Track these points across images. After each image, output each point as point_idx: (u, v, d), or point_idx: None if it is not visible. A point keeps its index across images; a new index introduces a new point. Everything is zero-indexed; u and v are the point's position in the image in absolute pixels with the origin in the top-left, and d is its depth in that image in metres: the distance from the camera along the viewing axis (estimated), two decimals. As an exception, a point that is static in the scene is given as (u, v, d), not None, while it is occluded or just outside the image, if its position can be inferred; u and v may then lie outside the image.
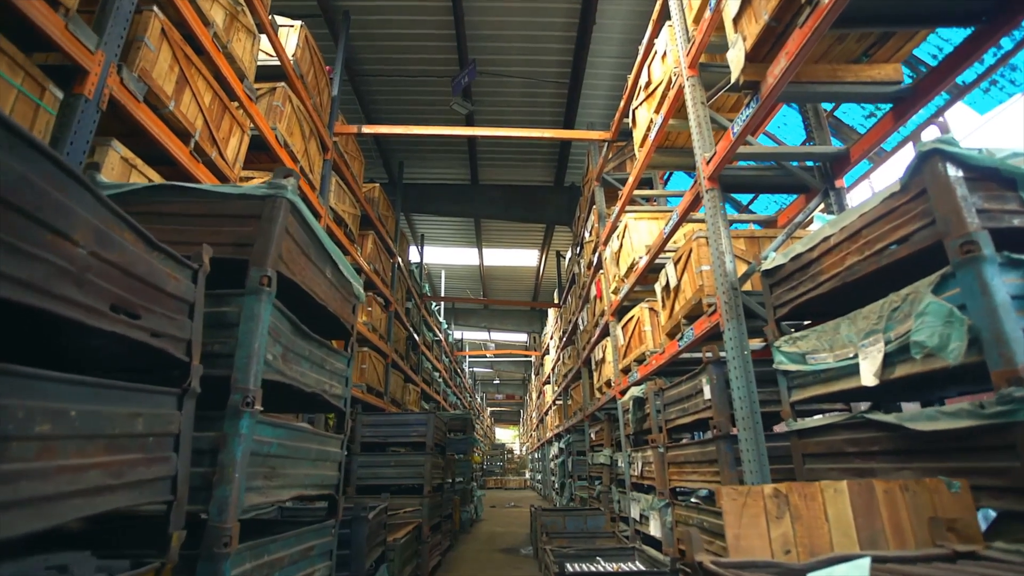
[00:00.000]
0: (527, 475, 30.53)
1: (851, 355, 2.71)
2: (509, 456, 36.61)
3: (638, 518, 5.91)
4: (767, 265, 3.40)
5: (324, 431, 3.32)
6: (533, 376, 25.08)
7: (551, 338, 16.90)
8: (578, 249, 10.61)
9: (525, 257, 17.73)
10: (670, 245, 5.59)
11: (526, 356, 28.57)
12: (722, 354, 3.82)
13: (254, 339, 2.33)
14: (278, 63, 5.68)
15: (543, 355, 19.48)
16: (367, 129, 7.34)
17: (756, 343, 4.71)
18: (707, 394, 3.94)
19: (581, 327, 10.22)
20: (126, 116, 3.23)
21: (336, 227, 7.11)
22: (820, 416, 3.14)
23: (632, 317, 6.27)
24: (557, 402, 15.60)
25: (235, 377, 2.25)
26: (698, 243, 4.20)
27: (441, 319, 17.53)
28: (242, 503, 2.16)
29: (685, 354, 5.20)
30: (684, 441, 4.99)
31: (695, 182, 4.26)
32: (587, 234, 9.12)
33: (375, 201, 9.30)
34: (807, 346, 3.05)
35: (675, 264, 4.71)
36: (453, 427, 12.10)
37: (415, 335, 12.60)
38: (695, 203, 4.40)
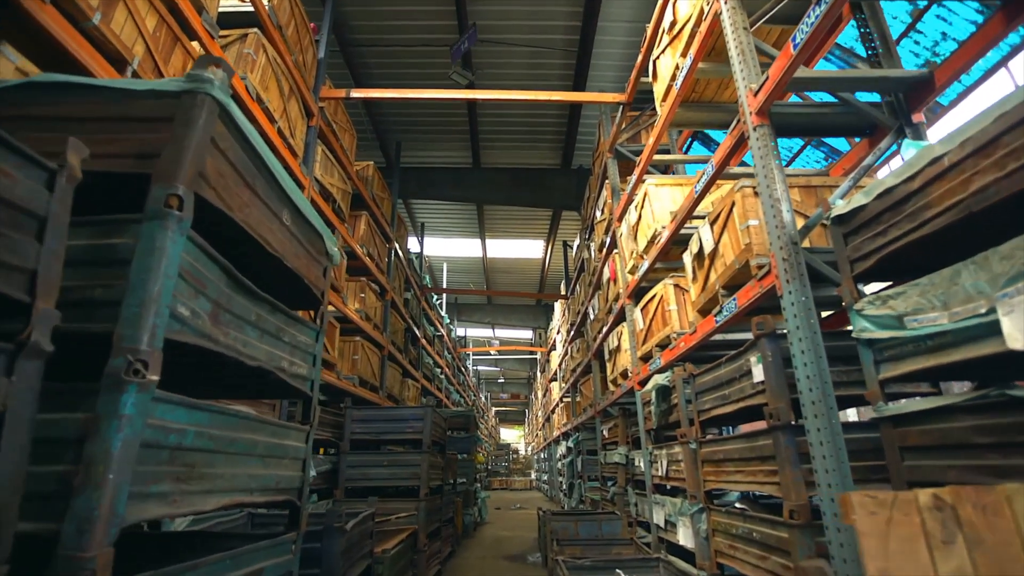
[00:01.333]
0: (533, 475, 29.88)
1: (981, 311, 1.99)
2: (514, 456, 36.00)
3: (662, 524, 5.19)
4: (839, 210, 2.68)
5: (285, 421, 2.62)
6: (539, 374, 24.36)
7: (557, 332, 16.19)
8: (587, 233, 9.89)
9: (530, 248, 17.02)
10: (700, 210, 4.87)
11: (531, 352, 27.87)
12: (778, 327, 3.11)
13: (152, 281, 1.62)
14: (250, 8, 4.99)
15: (549, 351, 18.77)
16: (356, 93, 6.65)
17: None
18: (758, 375, 3.22)
19: (592, 316, 9.50)
20: (28, 20, 2.54)
21: (322, 201, 6.42)
22: (922, 398, 2.42)
23: (653, 297, 5.55)
24: (565, 399, 14.88)
25: (119, 334, 1.54)
26: (743, 194, 3.48)
27: (443, 313, 16.84)
28: (120, 517, 1.44)
29: (718, 336, 4.49)
30: (721, 435, 4.27)
31: (736, 124, 3.55)
32: (598, 213, 8.40)
33: (369, 180, 8.61)
34: (906, 305, 2.32)
35: (711, 225, 3.98)
36: (455, 425, 11.40)
37: (415, 328, 11.91)
38: (736, 149, 3.68)
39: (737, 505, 3.69)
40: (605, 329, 8.01)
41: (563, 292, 14.36)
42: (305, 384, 2.87)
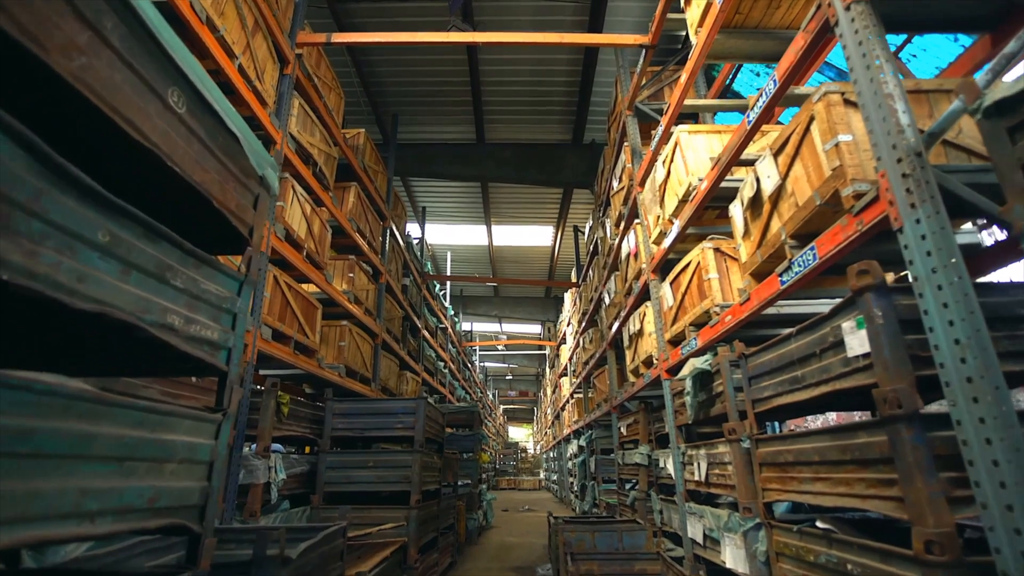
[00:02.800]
0: (541, 475, 29.02)
1: None
2: (522, 455, 35.21)
3: (700, 539, 4.29)
4: (1001, 93, 1.78)
5: (171, 404, 1.75)
6: (548, 370, 23.46)
7: (567, 325, 15.28)
8: (602, 210, 8.98)
9: (538, 235, 16.11)
10: (747, 154, 3.96)
11: (540, 347, 26.98)
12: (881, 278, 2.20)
13: None
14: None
15: (559, 345, 17.88)
16: (339, 38, 5.78)
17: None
18: (857, 346, 2.31)
19: (607, 301, 8.59)
20: None
21: (300, 162, 5.56)
22: None
23: (687, 267, 4.64)
24: (576, 394, 13.97)
25: None
26: (827, 104, 2.57)
27: (447, 304, 15.98)
28: None
29: (771, 309, 3.58)
30: (787, 432, 3.36)
31: (815, 12, 2.64)
32: (615, 183, 7.49)
33: (359, 149, 7.76)
34: None
35: (774, 157, 3.07)
36: (457, 421, 10.55)
37: (414, 317, 11.05)
38: (811, 52, 2.78)
39: (819, 524, 2.78)
40: (623, 313, 7.10)
41: (574, 280, 13.45)
42: (216, 354, 2.00)
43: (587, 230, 11.64)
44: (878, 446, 2.19)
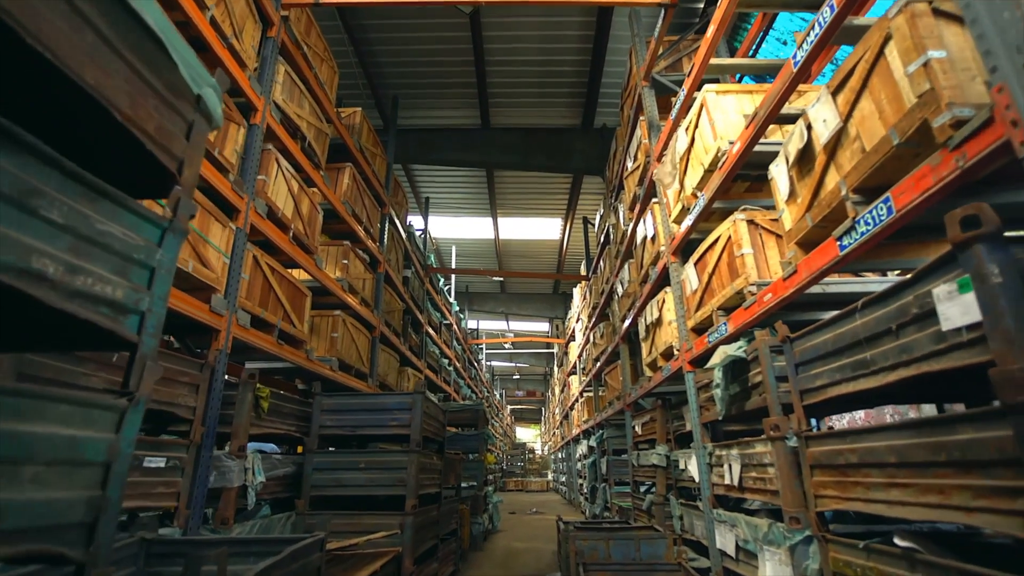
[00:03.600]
0: (549, 476, 28.52)
1: None
2: (530, 456, 34.73)
3: (732, 551, 3.76)
4: None
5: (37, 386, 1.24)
6: (556, 368, 22.94)
7: (576, 321, 14.77)
8: (614, 195, 8.47)
9: (546, 228, 15.59)
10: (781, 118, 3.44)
11: (548, 344, 26.47)
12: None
13: None
14: None
15: (567, 342, 17.36)
16: None
17: None
18: (960, 316, 1.79)
19: (620, 292, 8.07)
20: None
21: (285, 134, 5.09)
22: None
23: (714, 244, 4.12)
24: (586, 392, 13.45)
25: None
26: (910, 16, 2.03)
27: (452, 300, 15.50)
28: None
29: (816, 288, 3.07)
30: (828, 428, 2.84)
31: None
32: (629, 163, 6.97)
33: (355, 128, 7.28)
34: None
35: (832, 96, 2.54)
36: (461, 420, 10.05)
37: (416, 311, 10.57)
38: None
39: (899, 542, 2.26)
40: (639, 303, 6.58)
41: (583, 273, 12.93)
42: (121, 318, 1.50)
43: (597, 220, 11.13)
44: (994, 444, 1.67)
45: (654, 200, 5.71)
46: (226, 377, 3.97)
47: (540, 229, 15.69)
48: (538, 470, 32.62)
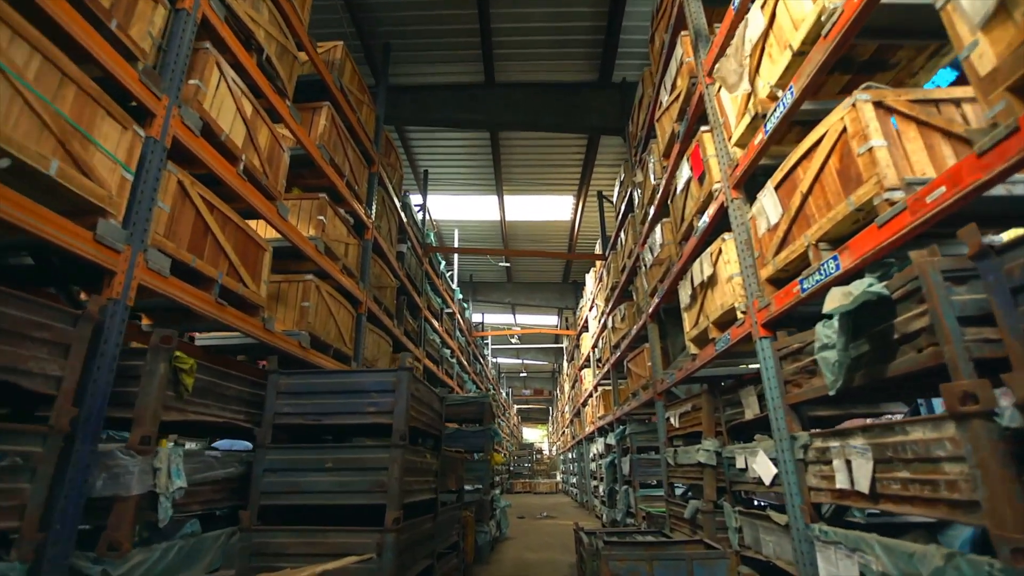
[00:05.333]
0: (559, 477, 27.35)
1: None
2: (538, 457, 33.63)
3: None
4: None
5: None
6: (565, 364, 21.74)
7: (590, 308, 13.58)
8: (641, 149, 7.29)
9: (557, 207, 14.39)
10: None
11: (556, 339, 25.31)
12: None
13: None
14: None
15: (579, 334, 16.17)
16: None
17: None
18: None
19: (648, 261, 6.89)
20: None
21: (232, 38, 3.93)
22: None
23: (811, 152, 2.93)
24: (601, 385, 12.27)
25: None
26: None
27: (455, 286, 14.35)
28: None
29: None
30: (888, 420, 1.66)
31: None
32: (665, 98, 5.78)
33: (335, 65, 6.13)
34: None
35: None
36: (464, 415, 8.87)
37: (414, 293, 9.43)
38: None
39: None
40: (677, 267, 5.41)
41: (600, 252, 11.74)
42: None
43: (616, 191, 9.94)
44: None
45: (703, 129, 4.53)
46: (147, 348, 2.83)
47: (550, 209, 14.49)
48: (546, 471, 31.47)
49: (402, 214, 8.83)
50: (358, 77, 6.83)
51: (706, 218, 4.47)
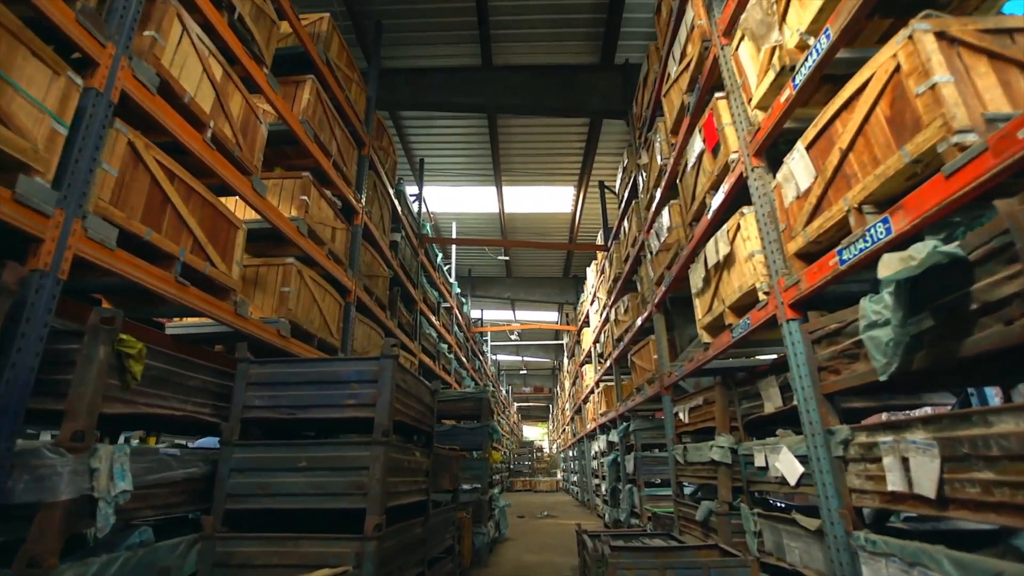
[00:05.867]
0: (559, 475, 26.99)
1: None
2: (538, 455, 33.31)
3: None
4: None
5: None
6: (566, 361, 21.36)
7: (591, 303, 13.21)
8: (646, 129, 6.89)
9: (557, 199, 13.97)
10: None
11: (557, 336, 24.95)
12: None
13: None
14: None
15: (579, 329, 15.80)
16: None
17: None
18: None
19: (654, 247, 6.50)
20: None
21: (197, -9, 3.54)
22: None
23: (852, 100, 2.54)
24: (604, 381, 11.90)
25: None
26: None
27: (452, 280, 13.95)
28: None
29: None
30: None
31: None
32: (673, 68, 5.38)
33: (321, 38, 5.74)
34: None
35: None
36: (461, 411, 8.49)
37: (409, 285, 9.04)
38: None
39: None
40: (686, 251, 5.02)
41: (601, 243, 11.34)
42: None
43: (618, 179, 9.55)
44: None
45: (717, 95, 4.14)
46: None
47: (550, 201, 14.07)
48: (547, 469, 31.13)
49: (396, 202, 8.44)
50: (347, 53, 6.43)
51: (721, 193, 4.08)
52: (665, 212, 5.88)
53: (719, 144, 4.14)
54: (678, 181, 5.37)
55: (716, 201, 4.19)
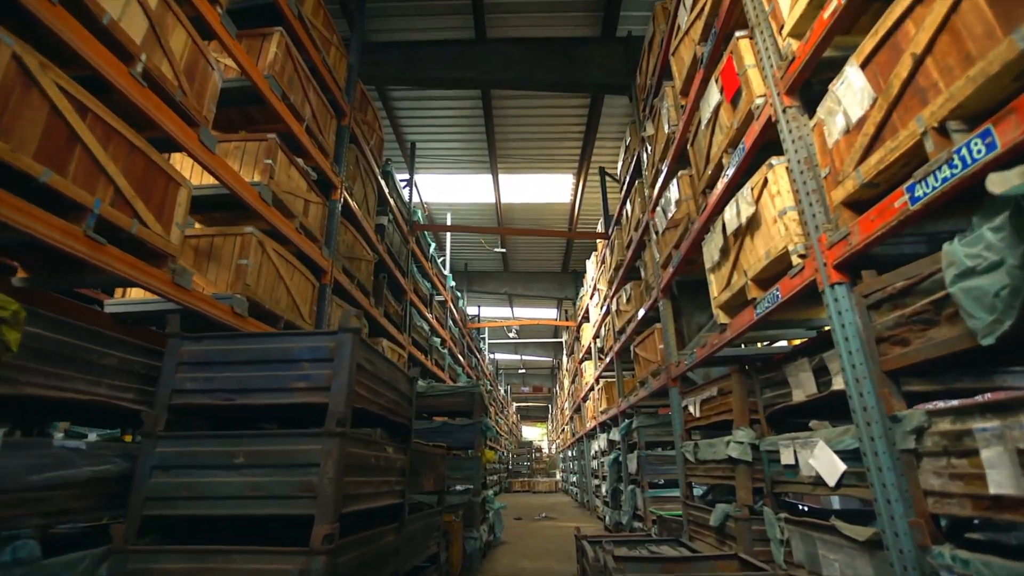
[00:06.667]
0: (558, 476, 26.44)
1: None
2: (537, 455, 32.79)
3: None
4: None
5: None
6: (565, 359, 20.79)
7: (591, 296, 12.65)
8: (653, 95, 6.33)
9: (556, 187, 13.39)
10: None
11: (556, 333, 24.40)
12: None
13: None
14: None
15: (579, 324, 15.24)
16: None
17: None
18: None
19: (661, 226, 5.93)
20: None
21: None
22: None
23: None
24: (604, 377, 11.34)
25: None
26: None
27: (447, 272, 13.38)
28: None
29: None
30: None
31: None
32: (683, 17, 4.81)
33: (292, -10, 5.18)
34: None
35: None
36: (451, 407, 7.92)
37: (398, 274, 8.48)
38: None
39: None
40: (701, 220, 4.46)
41: (602, 231, 10.76)
42: None
43: (620, 162, 8.98)
44: None
45: (738, 35, 3.57)
46: None
47: (548, 190, 13.50)
48: (545, 470, 30.60)
49: (383, 183, 7.88)
50: (324, 11, 5.87)
51: (742, 148, 3.52)
52: (673, 185, 5.32)
53: (740, 92, 3.58)
54: (689, 146, 4.81)
55: (736, 159, 3.63)
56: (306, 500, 2.43)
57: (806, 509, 4.55)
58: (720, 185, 3.93)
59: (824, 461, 3.00)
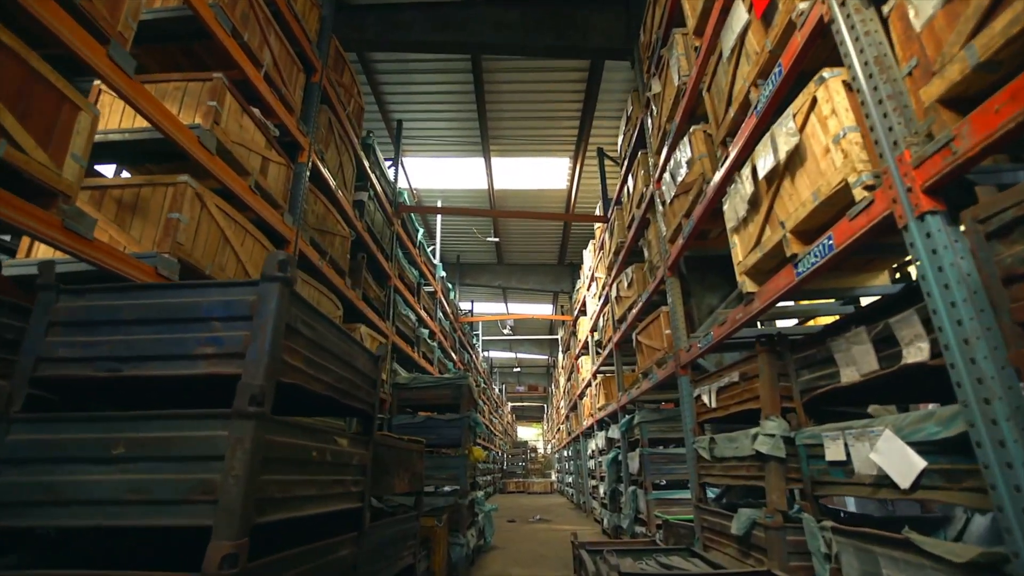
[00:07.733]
0: (553, 477, 25.83)
1: None
2: (532, 456, 32.19)
3: None
4: None
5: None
6: (561, 356, 20.13)
7: (588, 288, 12.00)
8: (660, 45, 5.67)
9: (551, 173, 12.72)
10: None
11: (551, 330, 23.76)
12: None
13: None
14: None
15: (575, 318, 14.59)
16: None
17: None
18: None
19: (670, 194, 5.27)
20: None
21: None
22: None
23: None
24: (603, 371, 10.69)
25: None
26: None
27: (437, 262, 12.69)
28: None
29: None
30: None
31: None
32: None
33: (248, -85, 4.49)
34: None
35: None
36: (436, 400, 7.25)
37: (380, 257, 7.80)
38: None
39: None
40: (722, 173, 3.80)
41: (601, 215, 10.11)
42: None
43: (620, 136, 8.33)
44: None
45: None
46: None
47: (543, 175, 12.81)
48: (541, 470, 30.00)
49: (363, 155, 7.20)
50: (290, -50, 5.19)
51: (779, 69, 2.86)
52: (685, 143, 4.67)
53: (775, 2, 2.92)
54: (705, 92, 4.16)
55: (770, 86, 2.97)
56: (203, 506, 1.75)
57: (843, 514, 3.90)
58: (749, 122, 3.27)
59: (892, 456, 2.34)
